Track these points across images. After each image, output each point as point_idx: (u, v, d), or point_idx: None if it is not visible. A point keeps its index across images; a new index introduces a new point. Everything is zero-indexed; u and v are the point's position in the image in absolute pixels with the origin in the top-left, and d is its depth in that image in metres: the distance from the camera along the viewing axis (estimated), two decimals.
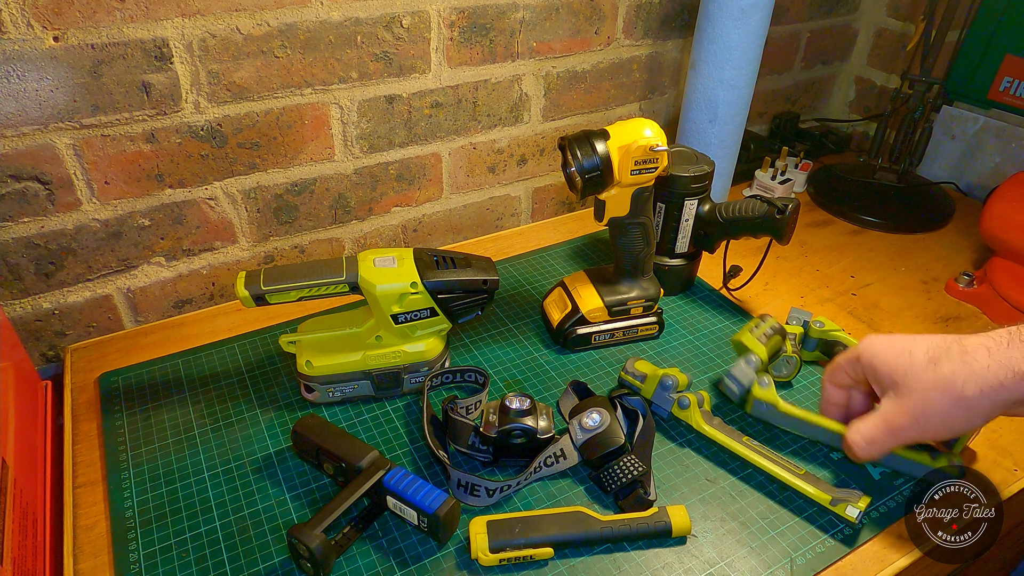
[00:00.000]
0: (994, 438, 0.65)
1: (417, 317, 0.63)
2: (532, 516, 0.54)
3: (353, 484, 0.53)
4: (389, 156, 0.84)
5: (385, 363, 0.65)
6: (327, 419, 0.62)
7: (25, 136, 0.64)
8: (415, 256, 0.63)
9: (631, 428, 0.62)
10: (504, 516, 0.54)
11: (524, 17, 0.83)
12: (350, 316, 0.67)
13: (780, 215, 0.72)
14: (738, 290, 0.83)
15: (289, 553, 0.53)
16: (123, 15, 0.63)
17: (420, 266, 0.62)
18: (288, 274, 0.60)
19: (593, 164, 0.64)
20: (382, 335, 0.64)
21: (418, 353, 0.65)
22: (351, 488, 0.53)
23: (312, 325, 0.67)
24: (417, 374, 0.67)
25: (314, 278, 0.59)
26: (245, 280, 0.59)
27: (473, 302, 0.65)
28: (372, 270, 0.61)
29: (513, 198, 0.98)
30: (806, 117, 1.23)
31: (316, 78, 0.74)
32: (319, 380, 0.64)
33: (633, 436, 0.61)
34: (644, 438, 0.61)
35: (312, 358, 0.64)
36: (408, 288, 0.61)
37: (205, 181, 0.74)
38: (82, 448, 0.63)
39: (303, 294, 0.59)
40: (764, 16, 0.82)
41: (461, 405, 0.63)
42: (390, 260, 0.62)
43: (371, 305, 0.62)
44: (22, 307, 0.71)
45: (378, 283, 0.60)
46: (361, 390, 0.66)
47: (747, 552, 0.54)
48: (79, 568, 0.53)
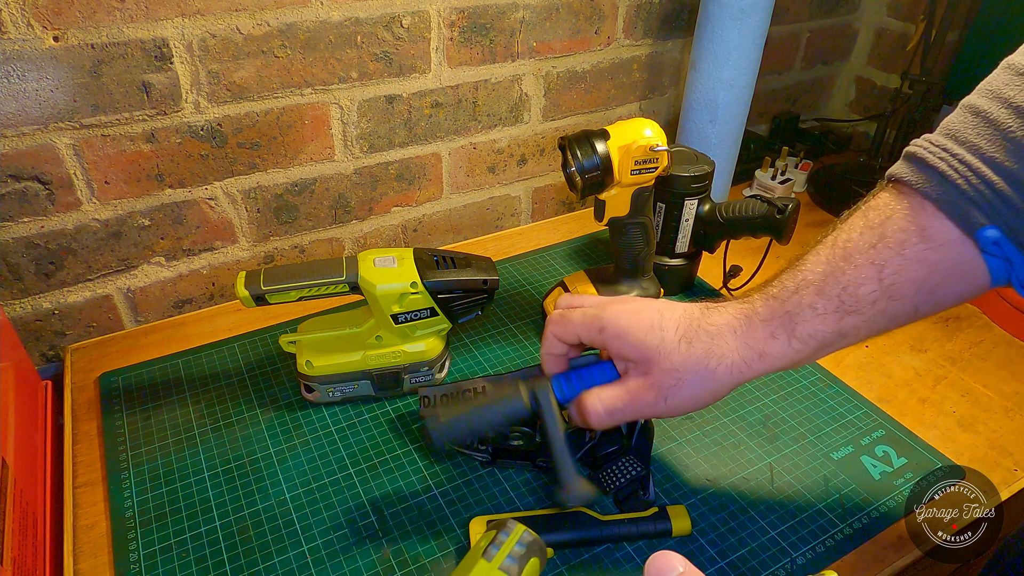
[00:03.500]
0: (994, 438, 0.65)
1: (417, 317, 0.63)
2: (532, 516, 0.54)
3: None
4: (389, 156, 0.84)
5: (385, 363, 0.65)
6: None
7: (25, 136, 0.64)
8: (415, 256, 0.63)
9: (630, 428, 0.62)
10: (504, 516, 0.54)
11: (524, 17, 0.83)
12: (350, 316, 0.67)
13: (780, 215, 0.72)
14: (738, 290, 0.83)
15: None
16: (123, 15, 0.63)
17: (420, 266, 0.62)
18: (288, 274, 0.60)
19: (593, 164, 0.64)
20: (382, 335, 0.64)
21: (418, 353, 0.66)
22: None
23: (312, 325, 0.67)
24: (417, 374, 0.67)
25: (314, 278, 0.60)
26: (245, 280, 0.59)
27: (473, 302, 0.65)
28: (372, 270, 0.61)
29: (513, 198, 0.98)
30: (806, 117, 1.23)
31: (316, 78, 0.74)
32: (319, 380, 0.64)
33: (632, 436, 0.61)
34: (643, 438, 0.61)
35: (312, 358, 0.64)
36: (408, 288, 0.61)
37: (205, 181, 0.74)
38: (82, 448, 0.63)
39: (303, 294, 0.59)
40: (764, 16, 0.82)
41: None
42: (390, 260, 0.62)
43: (371, 305, 0.62)
44: (22, 307, 0.71)
45: (378, 283, 0.61)
46: (361, 390, 0.66)
47: (747, 552, 0.54)
48: (79, 568, 0.53)
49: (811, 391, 0.70)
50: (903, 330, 0.78)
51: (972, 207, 0.40)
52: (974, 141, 0.41)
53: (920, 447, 0.64)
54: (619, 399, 0.47)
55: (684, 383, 0.45)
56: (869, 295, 0.43)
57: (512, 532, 0.43)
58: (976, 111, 0.41)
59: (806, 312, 0.44)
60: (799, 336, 0.44)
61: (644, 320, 0.47)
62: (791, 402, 0.68)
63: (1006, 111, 0.40)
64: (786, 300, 0.44)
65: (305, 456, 0.62)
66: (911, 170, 0.43)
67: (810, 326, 0.44)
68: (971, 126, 0.41)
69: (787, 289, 0.45)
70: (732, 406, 0.67)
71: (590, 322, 0.48)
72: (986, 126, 0.40)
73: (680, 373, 0.45)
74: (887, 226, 0.43)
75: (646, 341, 0.46)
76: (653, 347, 0.46)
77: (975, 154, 0.40)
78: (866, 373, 0.72)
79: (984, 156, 0.40)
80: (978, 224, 0.40)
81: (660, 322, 0.46)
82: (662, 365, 0.46)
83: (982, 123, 0.41)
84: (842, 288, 0.43)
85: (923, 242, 0.41)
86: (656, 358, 0.46)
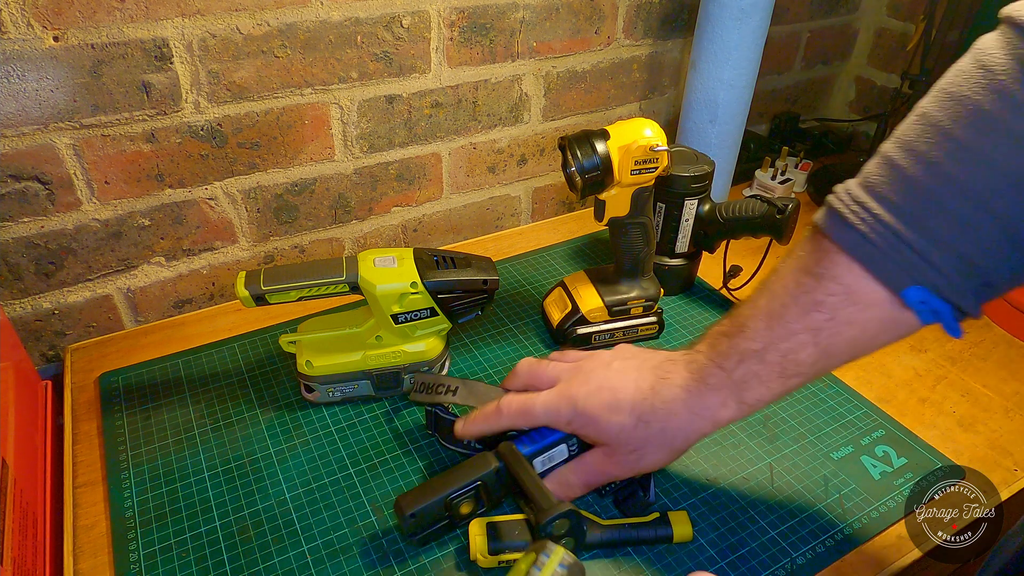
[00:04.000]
0: (994, 438, 0.65)
1: (417, 317, 0.63)
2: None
3: None
4: (389, 156, 0.84)
5: (385, 363, 0.65)
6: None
7: (25, 136, 0.64)
8: (415, 256, 0.63)
9: None
10: (503, 518, 0.54)
11: (524, 17, 0.83)
12: (350, 316, 0.67)
13: (780, 215, 0.72)
14: (738, 290, 0.83)
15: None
16: (123, 15, 0.63)
17: (420, 266, 0.62)
18: (288, 274, 0.60)
19: (593, 164, 0.64)
20: (382, 335, 0.64)
21: (418, 353, 0.66)
22: None
23: (312, 325, 0.67)
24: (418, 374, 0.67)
25: (314, 278, 0.59)
26: (245, 280, 0.59)
27: (473, 302, 0.65)
28: (372, 270, 0.61)
29: (513, 198, 0.98)
30: (806, 117, 1.22)
31: (316, 78, 0.74)
32: (319, 380, 0.64)
33: None
34: None
35: (312, 358, 0.64)
36: (408, 288, 0.61)
37: (205, 181, 0.74)
38: (82, 448, 0.63)
39: (303, 294, 0.59)
40: (764, 16, 0.82)
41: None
42: (390, 260, 0.62)
43: (371, 305, 0.62)
44: (22, 307, 0.71)
45: (378, 283, 0.61)
46: (361, 390, 0.66)
47: (747, 552, 0.54)
48: (79, 568, 0.53)
49: (811, 391, 0.70)
50: None
51: (895, 268, 0.40)
52: (891, 197, 0.40)
53: (920, 447, 0.64)
54: (590, 475, 0.54)
55: (645, 457, 0.51)
56: (807, 358, 0.45)
57: (553, 554, 0.44)
58: (892, 163, 0.41)
59: (752, 381, 0.47)
60: (748, 402, 0.48)
61: (603, 402, 0.51)
62: (791, 402, 0.68)
63: (920, 167, 0.39)
64: (732, 371, 0.47)
65: (305, 456, 0.62)
66: (834, 225, 0.43)
67: (757, 393, 0.47)
68: (887, 180, 0.41)
69: (731, 360, 0.48)
70: None
71: (551, 405, 0.53)
72: (901, 181, 0.40)
73: (641, 451, 0.51)
74: (818, 290, 0.44)
75: (606, 428, 0.51)
76: (613, 435, 0.51)
77: (892, 212, 0.40)
78: (866, 373, 0.72)
79: (901, 213, 0.40)
80: (903, 285, 0.41)
81: (616, 404, 0.51)
82: (625, 447, 0.51)
83: (898, 177, 0.40)
84: (782, 355, 0.46)
85: (852, 304, 0.43)
86: (616, 443, 0.51)
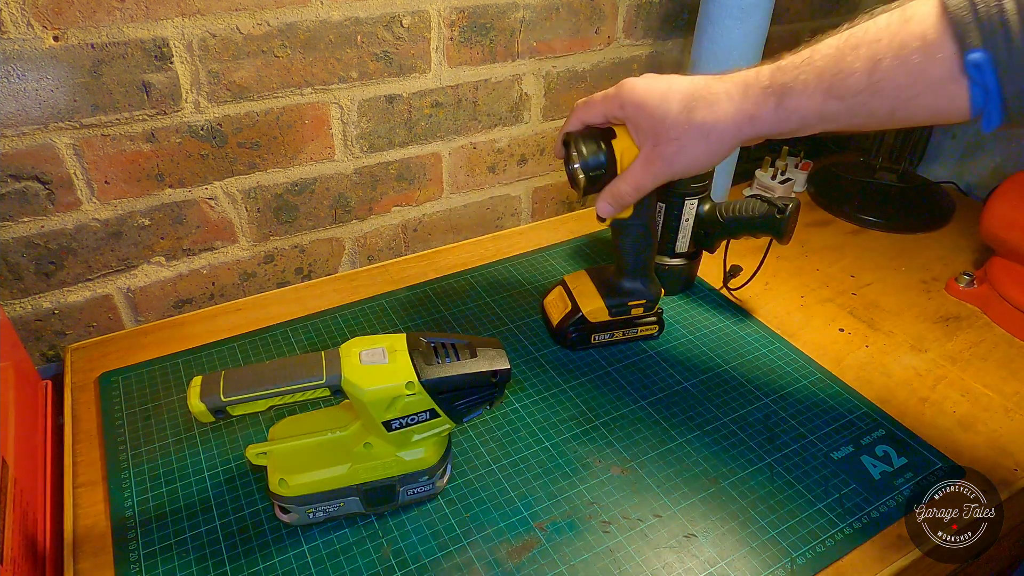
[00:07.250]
0: (994, 438, 0.65)
1: (414, 421, 0.52)
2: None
3: None
4: (389, 156, 0.84)
5: (376, 475, 0.54)
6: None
7: (25, 136, 0.64)
8: (409, 345, 0.52)
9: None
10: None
11: (524, 17, 0.83)
12: (332, 414, 0.57)
13: (780, 215, 0.72)
14: (738, 290, 0.83)
15: None
16: (123, 15, 0.63)
17: (416, 358, 0.51)
18: (255, 379, 0.49)
19: (598, 162, 0.63)
20: (372, 442, 0.53)
21: (416, 461, 0.54)
22: None
23: (286, 427, 0.56)
24: (415, 484, 0.56)
25: (286, 383, 0.48)
26: (201, 389, 0.47)
27: (481, 398, 0.53)
28: (358, 369, 0.49)
29: (513, 198, 0.98)
30: None
31: (316, 78, 0.74)
32: (296, 500, 0.53)
33: None
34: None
35: (287, 475, 0.52)
36: (403, 390, 0.50)
37: (205, 181, 0.74)
38: (82, 448, 0.63)
39: (274, 403, 0.49)
40: (764, 16, 0.82)
41: None
42: (379, 353, 0.51)
43: (358, 410, 0.51)
44: (22, 307, 0.71)
45: (366, 386, 0.49)
46: (348, 508, 0.55)
47: (747, 552, 0.54)
48: (79, 568, 0.53)
49: (811, 391, 0.70)
50: (903, 330, 0.79)
51: (974, 27, 0.41)
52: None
53: (920, 447, 0.64)
54: (638, 174, 0.57)
55: (685, 148, 0.54)
56: (855, 84, 0.46)
57: None
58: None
59: (797, 88, 0.49)
60: (785, 107, 0.50)
61: (656, 92, 0.54)
62: (791, 402, 0.68)
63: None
64: (787, 72, 0.49)
65: None
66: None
67: (796, 101, 0.49)
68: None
69: (793, 64, 0.49)
70: (732, 406, 0.67)
71: (611, 99, 0.57)
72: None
73: (680, 142, 0.54)
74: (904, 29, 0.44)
75: (655, 113, 0.54)
76: (659, 119, 0.54)
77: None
78: (866, 373, 0.73)
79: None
80: (971, 45, 0.41)
81: (668, 94, 0.54)
82: (667, 135, 0.54)
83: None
84: (834, 74, 0.47)
85: (919, 54, 0.44)
86: (661, 130, 0.54)
